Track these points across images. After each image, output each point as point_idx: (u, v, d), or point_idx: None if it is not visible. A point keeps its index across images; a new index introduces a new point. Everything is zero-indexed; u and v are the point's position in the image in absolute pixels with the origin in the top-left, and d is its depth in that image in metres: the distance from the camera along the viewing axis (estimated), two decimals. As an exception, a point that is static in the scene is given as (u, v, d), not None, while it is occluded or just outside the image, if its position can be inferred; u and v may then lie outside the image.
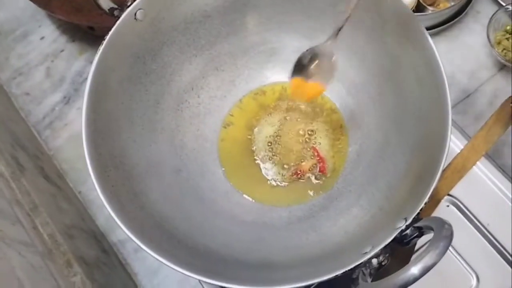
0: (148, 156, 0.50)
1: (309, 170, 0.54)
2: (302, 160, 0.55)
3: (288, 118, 0.57)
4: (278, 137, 0.56)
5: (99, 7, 0.47)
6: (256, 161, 0.56)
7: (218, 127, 0.57)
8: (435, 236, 0.36)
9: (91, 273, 0.56)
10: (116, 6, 0.47)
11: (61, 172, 0.70)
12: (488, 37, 0.67)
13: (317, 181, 0.54)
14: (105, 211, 0.68)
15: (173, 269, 0.39)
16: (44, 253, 0.52)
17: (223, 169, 0.56)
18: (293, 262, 0.45)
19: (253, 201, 0.54)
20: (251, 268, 0.45)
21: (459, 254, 0.53)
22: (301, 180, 0.54)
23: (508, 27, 0.68)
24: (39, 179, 0.63)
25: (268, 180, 0.55)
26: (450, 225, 0.36)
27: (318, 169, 0.54)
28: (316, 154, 0.55)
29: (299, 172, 0.54)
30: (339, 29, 0.46)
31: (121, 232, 0.67)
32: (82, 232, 0.62)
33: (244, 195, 0.54)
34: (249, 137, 0.57)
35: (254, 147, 0.56)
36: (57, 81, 0.76)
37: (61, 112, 0.74)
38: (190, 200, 0.51)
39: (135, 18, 0.48)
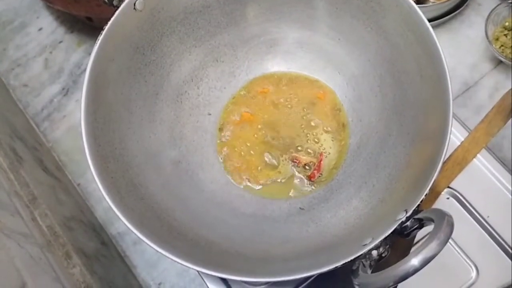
0: (147, 147, 0.50)
1: (304, 165, 0.54)
2: (303, 154, 0.55)
3: (290, 110, 0.57)
4: (278, 134, 0.56)
5: (98, -4, 0.46)
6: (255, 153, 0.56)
7: (217, 118, 0.57)
8: (435, 227, 0.35)
9: (91, 265, 0.56)
10: (115, -4, 0.47)
11: (60, 164, 0.70)
12: (486, 32, 0.66)
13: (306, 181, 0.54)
14: (104, 204, 0.69)
15: (173, 260, 0.39)
16: (43, 244, 0.52)
17: (222, 161, 0.55)
18: (293, 254, 0.45)
19: (253, 193, 0.54)
20: (251, 259, 0.45)
21: (458, 246, 0.53)
22: (295, 167, 0.54)
23: (507, 23, 0.68)
24: (38, 170, 0.63)
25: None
26: (450, 217, 0.36)
27: (310, 171, 0.54)
28: (319, 160, 0.54)
29: (295, 160, 0.54)
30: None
31: (120, 224, 0.68)
32: (81, 224, 0.62)
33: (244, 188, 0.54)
34: (250, 128, 0.56)
35: (255, 139, 0.56)
36: (56, 73, 0.75)
37: (59, 104, 0.74)
38: (190, 192, 0.51)
39: (134, 8, 0.47)
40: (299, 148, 0.55)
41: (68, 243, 0.54)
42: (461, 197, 0.54)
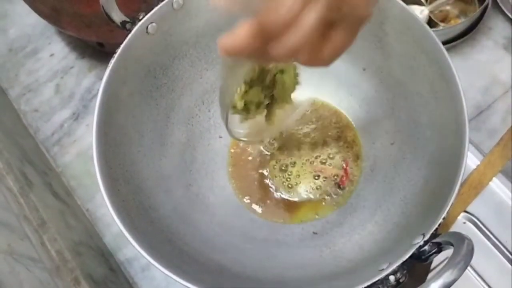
0: (158, 170, 0.50)
1: (331, 175, 0.53)
2: (330, 164, 0.54)
3: (301, 132, 0.56)
4: (289, 155, 0.55)
5: (111, 20, 0.46)
6: (268, 176, 0.55)
7: (228, 141, 0.56)
8: (455, 252, 0.34)
9: (99, 291, 0.55)
10: (128, 20, 0.47)
11: (69, 189, 0.70)
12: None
13: (333, 194, 0.53)
14: (112, 229, 0.68)
15: (184, 285, 0.38)
16: (52, 269, 0.51)
17: (234, 184, 0.55)
18: (307, 279, 0.44)
19: (265, 217, 0.53)
20: (263, 285, 0.44)
21: (476, 272, 0.51)
22: (317, 181, 0.53)
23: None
24: (47, 195, 0.62)
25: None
26: (470, 240, 0.35)
27: (339, 179, 0.53)
28: (345, 166, 0.54)
29: (320, 172, 0.53)
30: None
31: (128, 250, 0.67)
32: (90, 249, 0.61)
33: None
34: (261, 151, 0.56)
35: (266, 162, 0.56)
36: (66, 98, 0.76)
37: (69, 129, 0.74)
38: (201, 215, 0.50)
39: (146, 32, 0.47)
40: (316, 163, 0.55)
41: (76, 268, 0.53)
42: (478, 222, 0.53)
